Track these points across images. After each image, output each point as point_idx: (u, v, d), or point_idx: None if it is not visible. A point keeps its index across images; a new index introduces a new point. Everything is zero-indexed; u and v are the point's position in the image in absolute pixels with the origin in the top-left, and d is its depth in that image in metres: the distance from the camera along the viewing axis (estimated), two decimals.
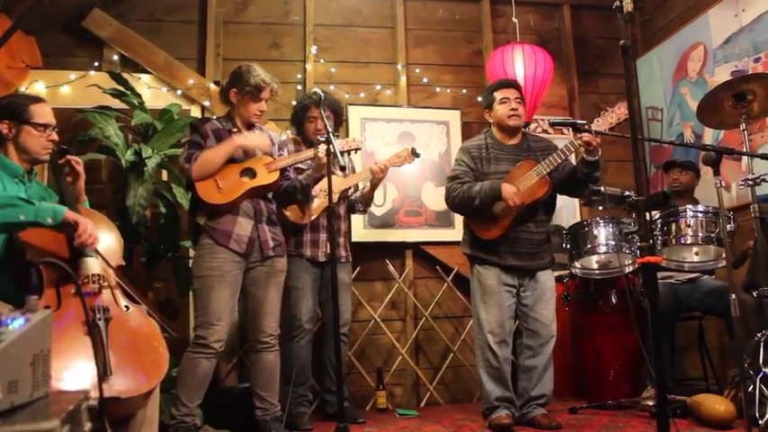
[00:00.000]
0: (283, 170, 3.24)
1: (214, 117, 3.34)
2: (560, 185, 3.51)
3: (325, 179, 3.67)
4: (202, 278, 3.07)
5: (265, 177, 3.17)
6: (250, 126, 3.31)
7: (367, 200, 3.98)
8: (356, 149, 3.60)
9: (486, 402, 3.43)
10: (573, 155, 3.49)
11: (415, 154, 3.80)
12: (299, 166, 3.62)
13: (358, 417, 3.73)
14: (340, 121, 4.01)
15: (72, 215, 2.23)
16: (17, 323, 1.18)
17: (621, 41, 2.09)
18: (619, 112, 3.20)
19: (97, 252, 2.32)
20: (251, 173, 3.15)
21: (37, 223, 2.17)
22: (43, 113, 2.49)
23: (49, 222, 2.18)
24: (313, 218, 3.71)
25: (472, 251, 3.54)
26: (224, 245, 3.08)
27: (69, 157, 2.58)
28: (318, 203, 3.72)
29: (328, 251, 3.72)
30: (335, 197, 3.76)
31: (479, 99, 4.96)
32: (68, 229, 2.22)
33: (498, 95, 3.57)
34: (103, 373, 1.97)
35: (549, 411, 3.45)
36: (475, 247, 3.52)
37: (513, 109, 3.52)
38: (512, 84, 3.69)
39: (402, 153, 3.81)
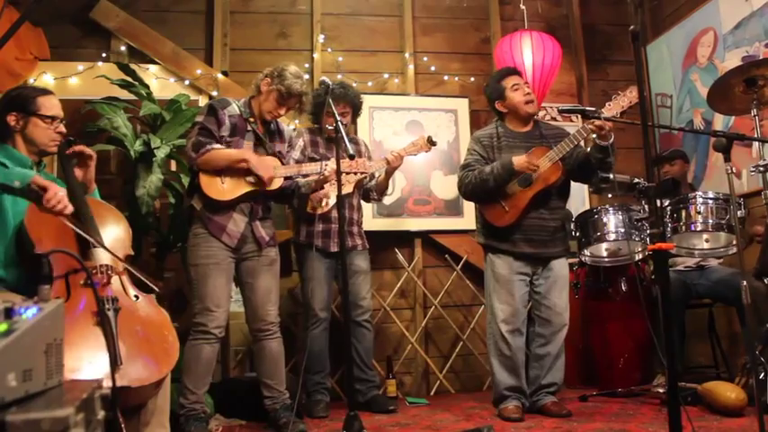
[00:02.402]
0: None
1: (235, 101, 3.28)
2: (573, 172, 3.48)
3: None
4: (198, 266, 3.10)
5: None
6: (265, 122, 3.29)
7: (382, 188, 3.97)
8: (362, 173, 3.37)
9: (496, 391, 3.44)
10: (584, 141, 3.47)
11: (431, 142, 3.75)
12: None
13: (389, 405, 3.74)
14: (357, 113, 3.98)
15: (41, 180, 2.18)
16: (30, 312, 1.19)
17: (631, 27, 2.08)
18: (630, 95, 3.16)
19: (100, 243, 2.31)
20: (255, 176, 3.12)
21: (4, 186, 2.14)
22: (51, 105, 2.50)
23: (16, 185, 2.14)
24: (326, 209, 3.68)
25: (485, 240, 3.54)
26: (216, 237, 3.10)
27: (76, 147, 2.58)
28: (334, 196, 3.70)
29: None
30: (351, 187, 3.75)
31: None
32: (36, 194, 2.16)
33: (509, 83, 3.55)
34: (114, 363, 1.98)
35: (560, 399, 3.46)
36: (488, 236, 3.52)
37: (527, 94, 3.52)
38: (515, 71, 3.69)
39: (418, 141, 3.76)
